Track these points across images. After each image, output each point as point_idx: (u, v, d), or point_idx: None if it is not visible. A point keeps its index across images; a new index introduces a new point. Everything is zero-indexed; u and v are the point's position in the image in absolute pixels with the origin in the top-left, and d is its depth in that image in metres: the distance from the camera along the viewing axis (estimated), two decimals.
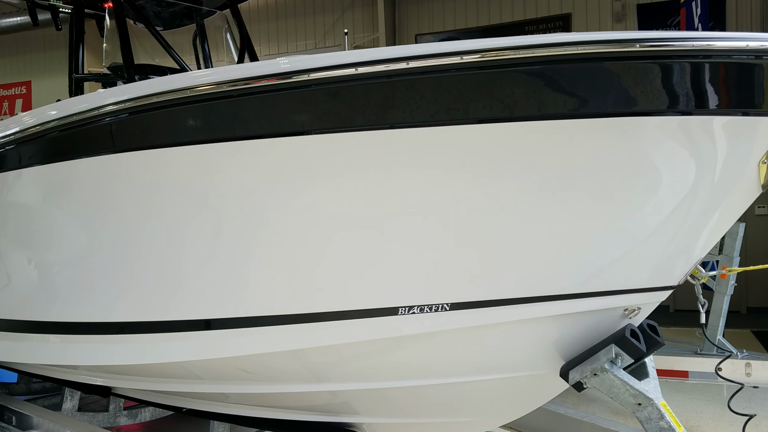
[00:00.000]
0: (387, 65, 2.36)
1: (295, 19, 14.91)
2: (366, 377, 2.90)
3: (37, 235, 3.40)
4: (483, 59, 2.29)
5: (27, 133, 3.23)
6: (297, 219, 2.62)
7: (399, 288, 2.54)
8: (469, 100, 2.34)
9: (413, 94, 2.37)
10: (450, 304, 2.50)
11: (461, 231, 2.47)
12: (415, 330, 2.56)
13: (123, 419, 4.48)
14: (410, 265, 2.52)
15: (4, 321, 3.61)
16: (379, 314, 2.55)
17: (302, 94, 2.50)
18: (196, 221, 2.83)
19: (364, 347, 2.69)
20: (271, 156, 2.61)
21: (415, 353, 2.71)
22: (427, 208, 2.48)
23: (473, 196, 2.45)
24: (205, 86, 2.63)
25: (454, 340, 2.60)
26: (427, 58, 2.33)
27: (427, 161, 2.44)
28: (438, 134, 2.39)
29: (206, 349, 2.92)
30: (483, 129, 2.36)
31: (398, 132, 2.42)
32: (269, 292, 2.74)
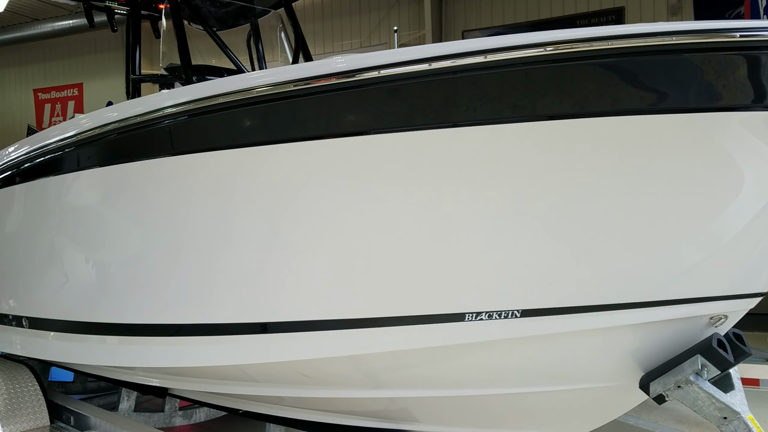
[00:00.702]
0: (455, 60, 2.27)
1: (340, 18, 14.90)
2: (428, 384, 2.80)
3: (95, 236, 3.41)
4: (554, 52, 2.18)
5: (86, 135, 3.23)
6: (356, 221, 2.55)
7: (465, 293, 2.43)
8: (537, 96, 2.22)
9: (477, 91, 2.27)
10: (521, 311, 2.38)
11: (531, 234, 2.36)
12: (482, 337, 2.45)
13: (178, 419, 4.48)
14: (477, 269, 2.41)
15: (63, 322, 3.63)
16: (444, 320, 2.45)
17: (361, 93, 2.43)
18: (253, 223, 2.78)
19: (427, 354, 2.59)
20: (329, 157, 2.54)
21: (482, 361, 2.60)
22: (493, 209, 2.37)
23: (542, 197, 2.33)
24: (264, 87, 2.58)
25: (525, 348, 2.48)
26: (494, 53, 2.22)
27: (492, 161, 2.33)
28: (504, 132, 2.28)
29: (263, 352, 2.87)
30: (552, 126, 2.24)
31: (461, 131, 2.32)
32: (328, 295, 2.66)
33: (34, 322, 3.80)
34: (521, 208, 2.36)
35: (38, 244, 3.69)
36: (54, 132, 3.46)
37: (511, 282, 2.39)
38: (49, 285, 3.75)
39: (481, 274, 2.41)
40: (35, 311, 3.81)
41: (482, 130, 2.30)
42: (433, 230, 2.45)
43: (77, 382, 5.12)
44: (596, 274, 2.37)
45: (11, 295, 3.99)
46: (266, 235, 2.76)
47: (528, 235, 2.36)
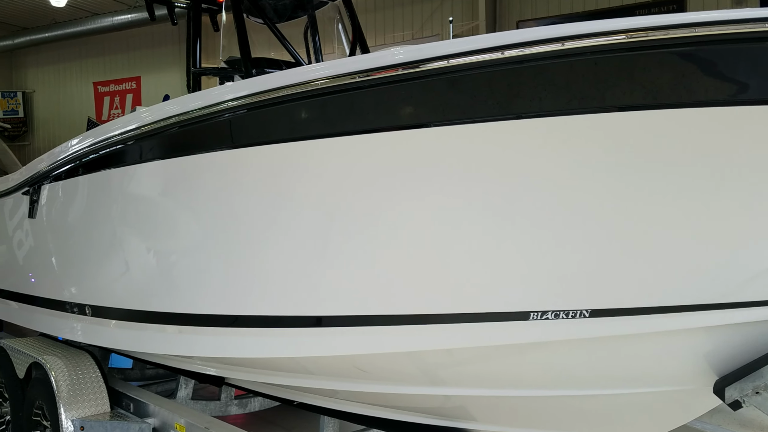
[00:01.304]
0: (523, 49, 2.20)
1: (392, 10, 14.83)
2: (487, 383, 2.74)
3: (155, 227, 3.46)
4: (629, 40, 2.08)
5: (147, 129, 3.27)
6: (415, 216, 2.50)
7: (530, 291, 2.36)
8: (607, 86, 2.13)
9: (543, 81, 2.19)
10: (590, 310, 2.30)
11: (602, 231, 2.27)
12: (547, 337, 2.37)
13: (234, 408, 4.54)
14: (543, 266, 2.33)
15: (124, 310, 3.70)
16: (507, 319, 2.38)
17: (422, 84, 2.38)
18: (309, 217, 2.76)
19: (487, 352, 2.53)
20: (388, 150, 2.50)
21: (546, 361, 2.52)
22: (558, 204, 2.29)
23: (612, 192, 2.24)
24: (324, 79, 2.56)
25: (593, 349, 2.40)
26: (564, 41, 2.14)
27: (557, 154, 2.25)
28: (570, 124, 2.19)
29: (319, 346, 2.86)
30: (622, 118, 2.15)
31: (525, 122, 2.24)
32: (385, 291, 2.63)
33: (97, 310, 3.88)
34: (589, 204, 2.27)
35: (100, 235, 3.77)
36: (116, 125, 3.53)
37: (579, 280, 2.31)
38: (110, 274, 3.83)
39: (548, 272, 2.33)
40: (97, 300, 3.89)
41: (547, 121, 2.22)
42: (496, 226, 2.38)
43: (136, 368, 5.21)
44: (670, 274, 2.26)
45: (75, 284, 4.09)
46: (322, 228, 2.74)
47: (598, 232, 2.27)
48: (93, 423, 3.76)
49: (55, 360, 4.04)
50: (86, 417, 3.81)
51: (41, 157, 4.34)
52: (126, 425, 3.75)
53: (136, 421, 3.83)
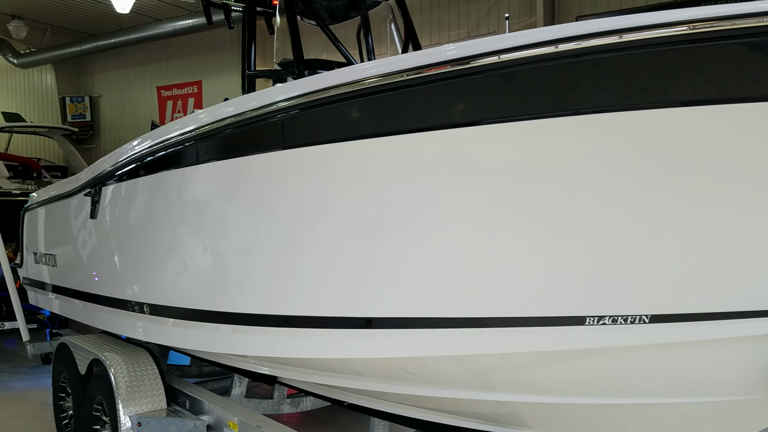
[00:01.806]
0: (578, 42, 2.12)
1: (448, 8, 14.74)
2: (541, 390, 2.66)
3: (209, 228, 3.51)
4: (691, 32, 1.98)
5: (203, 130, 3.32)
6: (467, 216, 2.44)
7: (587, 295, 2.27)
8: (669, 78, 2.03)
9: (601, 74, 2.10)
10: (650, 315, 2.20)
11: (664, 232, 2.16)
12: (603, 343, 2.28)
13: (286, 407, 4.57)
14: (601, 269, 2.24)
15: (181, 309, 3.76)
16: (562, 323, 2.30)
17: (473, 81, 2.33)
18: (360, 218, 2.74)
19: (540, 357, 2.46)
20: (440, 149, 2.46)
21: (603, 368, 2.42)
22: (618, 203, 2.20)
23: (674, 191, 2.13)
24: (373, 78, 2.54)
25: (653, 356, 2.29)
26: (620, 33, 2.06)
27: (615, 151, 2.16)
28: (629, 120, 2.10)
29: (369, 347, 2.83)
30: (685, 113, 2.04)
31: (581, 119, 2.16)
32: (436, 293, 2.58)
33: (155, 308, 3.96)
34: (649, 204, 2.17)
35: (157, 235, 3.85)
36: (171, 128, 3.59)
37: (640, 284, 2.21)
38: (168, 274, 3.91)
39: (605, 274, 2.24)
40: (155, 298, 3.97)
41: (606, 117, 2.14)
42: (552, 227, 2.31)
43: (193, 366, 5.32)
44: (740, 278, 2.14)
45: (135, 283, 4.19)
46: (373, 229, 2.72)
47: (660, 234, 2.17)
48: (150, 419, 3.84)
49: (115, 357, 4.15)
50: (143, 413, 3.90)
51: (102, 159, 4.48)
52: (181, 422, 3.82)
53: (191, 418, 3.89)
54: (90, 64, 21.34)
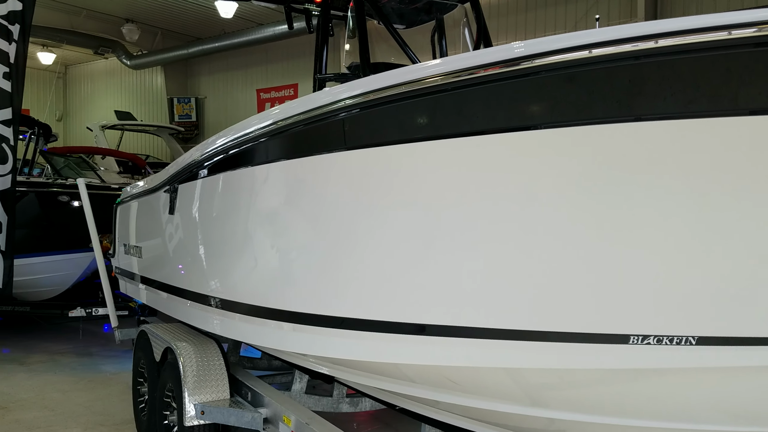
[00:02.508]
0: (630, 44, 2.03)
1: (545, 9, 14.45)
2: (591, 409, 2.54)
3: (273, 227, 3.60)
4: (760, 34, 1.84)
5: (265, 131, 3.42)
6: (521, 225, 2.37)
7: (632, 313, 2.15)
8: (740, 84, 1.89)
9: (664, 78, 1.99)
10: (697, 337, 2.06)
11: (718, 250, 2.02)
12: (648, 364, 2.15)
13: (345, 406, 4.61)
14: (649, 286, 2.12)
15: (248, 306, 3.87)
16: (603, 341, 2.19)
17: (530, 82, 2.26)
18: (417, 222, 2.72)
19: (585, 375, 2.35)
20: (494, 153, 2.40)
21: (653, 390, 2.29)
22: (674, 218, 2.07)
23: (739, 205, 1.98)
24: (431, 78, 2.52)
25: (702, 380, 2.14)
26: (680, 35, 1.95)
27: (679, 162, 2.04)
28: (695, 127, 1.97)
29: (413, 354, 2.81)
30: (756, 122, 1.90)
31: (645, 125, 2.05)
32: (479, 303, 2.53)
33: (225, 303, 4.10)
34: (704, 218, 2.03)
35: (224, 232, 3.98)
36: (236, 129, 3.72)
37: (687, 304, 2.07)
38: (236, 270, 4.03)
39: (652, 292, 2.12)
40: (225, 294, 4.11)
41: (671, 125, 2.02)
42: (601, 239, 2.21)
43: (264, 359, 5.46)
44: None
45: (206, 277, 4.35)
46: (427, 234, 2.69)
47: (714, 251, 2.03)
48: (212, 408, 3.98)
49: (186, 346, 4.33)
50: (207, 402, 4.04)
51: (182, 156, 4.69)
52: (240, 413, 3.94)
53: (250, 410, 4.00)
54: (196, 67, 22.44)
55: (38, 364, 7.99)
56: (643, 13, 12.60)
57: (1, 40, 7.46)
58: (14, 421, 5.84)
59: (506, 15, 14.95)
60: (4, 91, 7.49)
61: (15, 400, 6.47)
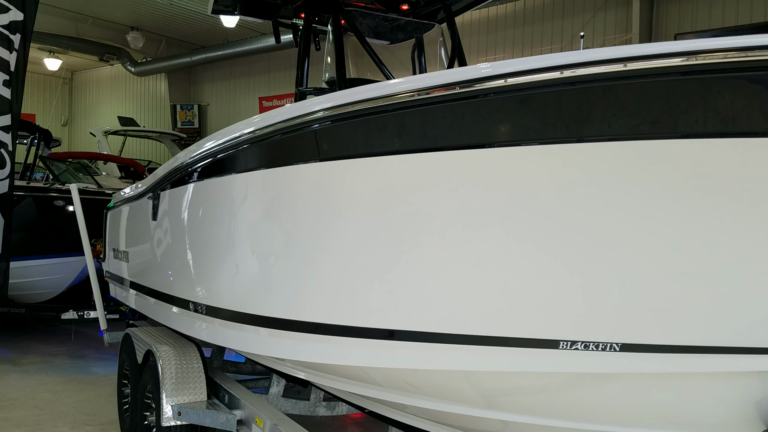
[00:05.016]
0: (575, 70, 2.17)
1: (542, 24, 14.60)
2: (536, 412, 2.67)
3: (252, 234, 3.73)
4: (686, 63, 1.99)
5: (233, 143, 3.59)
6: (471, 239, 2.51)
7: (560, 320, 2.29)
8: (679, 111, 2.03)
9: (612, 103, 2.13)
10: (620, 344, 2.19)
11: (643, 262, 2.16)
12: (575, 368, 2.29)
13: (322, 410, 4.71)
14: (575, 295, 2.26)
15: (229, 311, 3.98)
16: (535, 345, 2.33)
17: (479, 103, 2.41)
18: (381, 233, 2.85)
19: (526, 379, 2.48)
20: (452, 168, 2.54)
21: (584, 394, 2.43)
22: (605, 233, 2.21)
23: (663, 220, 2.12)
24: (384, 97, 2.66)
25: (627, 386, 2.28)
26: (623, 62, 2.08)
27: (615, 182, 2.18)
28: (636, 149, 2.11)
29: (377, 357, 2.94)
30: (690, 145, 2.04)
31: (586, 146, 2.19)
32: (436, 309, 2.66)
33: (209, 309, 4.21)
34: (633, 234, 2.17)
35: (200, 238, 4.13)
36: (210, 140, 3.86)
37: (611, 312, 2.21)
38: (217, 277, 4.16)
39: (579, 300, 2.25)
40: (208, 299, 4.24)
41: (612, 146, 2.16)
42: (537, 251, 2.34)
43: (248, 363, 5.59)
44: (714, 313, 2.10)
45: (191, 283, 4.47)
46: (391, 244, 2.83)
47: (636, 264, 2.17)
48: (188, 409, 4.12)
49: (166, 349, 4.46)
50: (184, 404, 4.17)
51: (165, 164, 4.84)
52: (216, 414, 4.07)
53: (225, 411, 4.13)
54: (200, 75, 22.67)
55: (32, 365, 8.16)
56: (638, 28, 12.73)
57: (2, 48, 7.66)
58: (4, 419, 5.99)
59: (504, 29, 15.11)
60: (3, 99, 7.69)
61: (6, 399, 6.63)
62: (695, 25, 12.45)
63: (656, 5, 13.02)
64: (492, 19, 15.19)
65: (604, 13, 13.68)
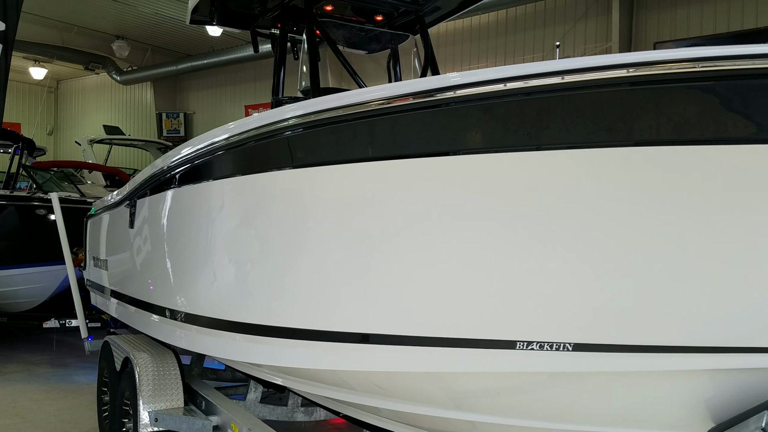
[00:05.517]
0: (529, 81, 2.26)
1: (524, 33, 14.74)
2: (500, 412, 2.75)
3: (223, 240, 3.78)
4: (632, 74, 2.07)
5: (203, 151, 3.64)
6: (434, 243, 2.58)
7: (517, 321, 2.37)
8: (633, 118, 2.11)
9: (569, 111, 2.21)
10: (573, 344, 2.27)
11: (594, 263, 2.24)
12: (532, 368, 2.37)
13: (300, 415, 4.77)
14: (531, 297, 2.33)
15: (207, 318, 4.01)
16: (493, 346, 2.40)
17: (440, 113, 2.48)
18: (353, 238, 2.91)
19: (485, 379, 2.55)
20: (416, 175, 2.61)
21: (550, 394, 2.50)
22: (556, 236, 2.29)
23: (618, 227, 2.20)
24: (342, 108, 2.73)
25: (580, 384, 2.36)
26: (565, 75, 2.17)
27: (571, 188, 2.25)
28: (590, 157, 2.19)
29: (349, 361, 3.00)
30: (641, 153, 2.12)
31: (545, 154, 2.27)
32: (401, 313, 2.73)
33: (187, 317, 4.25)
34: (588, 238, 2.25)
35: (176, 246, 4.17)
36: (185, 147, 3.92)
37: (564, 313, 2.29)
38: (194, 284, 4.20)
39: (534, 302, 2.33)
40: (186, 307, 4.27)
41: (568, 154, 2.24)
42: (494, 255, 2.42)
43: (228, 370, 5.62)
44: (663, 313, 2.18)
45: (169, 291, 4.51)
46: (359, 249, 2.89)
47: (588, 267, 2.25)
48: (165, 416, 4.15)
49: (144, 356, 4.50)
50: (161, 410, 4.21)
51: (142, 171, 4.89)
52: (192, 420, 4.11)
53: (201, 417, 4.17)
54: (185, 83, 22.67)
55: (14, 373, 8.15)
56: (618, 37, 12.90)
57: None
58: None
59: (487, 38, 15.25)
60: None
61: None
62: (674, 34, 12.62)
63: (636, 14, 13.20)
64: (475, 28, 15.33)
65: (585, 22, 13.84)
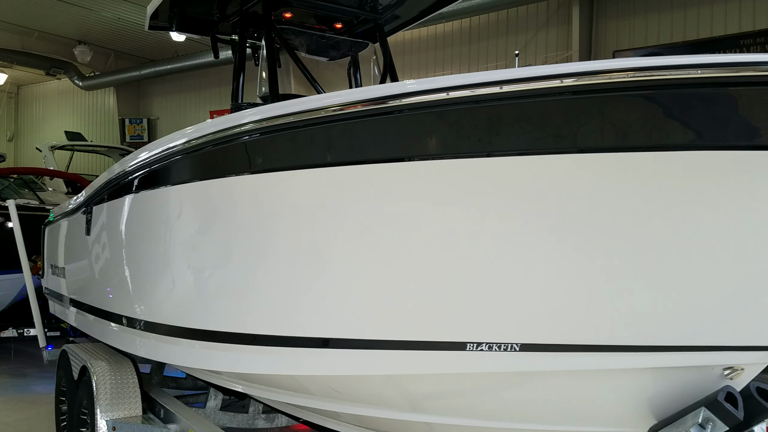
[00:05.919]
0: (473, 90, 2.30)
1: (487, 41, 14.93)
2: (455, 413, 2.80)
3: (180, 247, 3.77)
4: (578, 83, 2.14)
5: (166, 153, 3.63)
6: (390, 248, 2.62)
7: (466, 322, 2.42)
8: (578, 125, 2.18)
9: (515, 119, 2.27)
10: (519, 344, 2.33)
11: (538, 267, 2.30)
12: (481, 368, 2.42)
13: (261, 422, 4.76)
14: (479, 299, 2.39)
15: (166, 326, 3.99)
16: (444, 348, 2.45)
17: (395, 119, 2.53)
18: (311, 244, 2.94)
19: (436, 381, 2.60)
20: (372, 181, 2.65)
21: (502, 394, 2.57)
22: (502, 240, 2.35)
23: (562, 231, 2.27)
24: (299, 114, 2.76)
25: (528, 383, 2.42)
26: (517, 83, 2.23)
27: (520, 193, 2.31)
28: (537, 163, 2.26)
29: (297, 365, 3.02)
30: (584, 159, 2.19)
31: (494, 160, 2.33)
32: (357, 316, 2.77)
33: (147, 325, 4.22)
34: (531, 242, 2.31)
35: (131, 253, 4.15)
36: (141, 153, 3.90)
37: (510, 314, 2.35)
38: (151, 291, 4.18)
39: (482, 304, 2.39)
40: (142, 314, 4.25)
41: (517, 160, 2.30)
42: (446, 258, 2.47)
43: (189, 378, 5.57)
44: (607, 313, 2.25)
45: (128, 299, 4.47)
46: (317, 255, 2.92)
47: (534, 268, 2.31)
48: (123, 424, 4.11)
49: (101, 365, 4.45)
50: (119, 419, 4.17)
51: (99, 176, 4.84)
52: (149, 429, 4.08)
53: (159, 425, 4.14)
54: (149, 88, 22.41)
55: None
56: (578, 45, 13.15)
57: None
58: None
59: (451, 46, 15.42)
60: None
61: None
62: (632, 43, 12.91)
63: (595, 23, 13.48)
64: (440, 36, 15.49)
65: (546, 31, 14.08)
